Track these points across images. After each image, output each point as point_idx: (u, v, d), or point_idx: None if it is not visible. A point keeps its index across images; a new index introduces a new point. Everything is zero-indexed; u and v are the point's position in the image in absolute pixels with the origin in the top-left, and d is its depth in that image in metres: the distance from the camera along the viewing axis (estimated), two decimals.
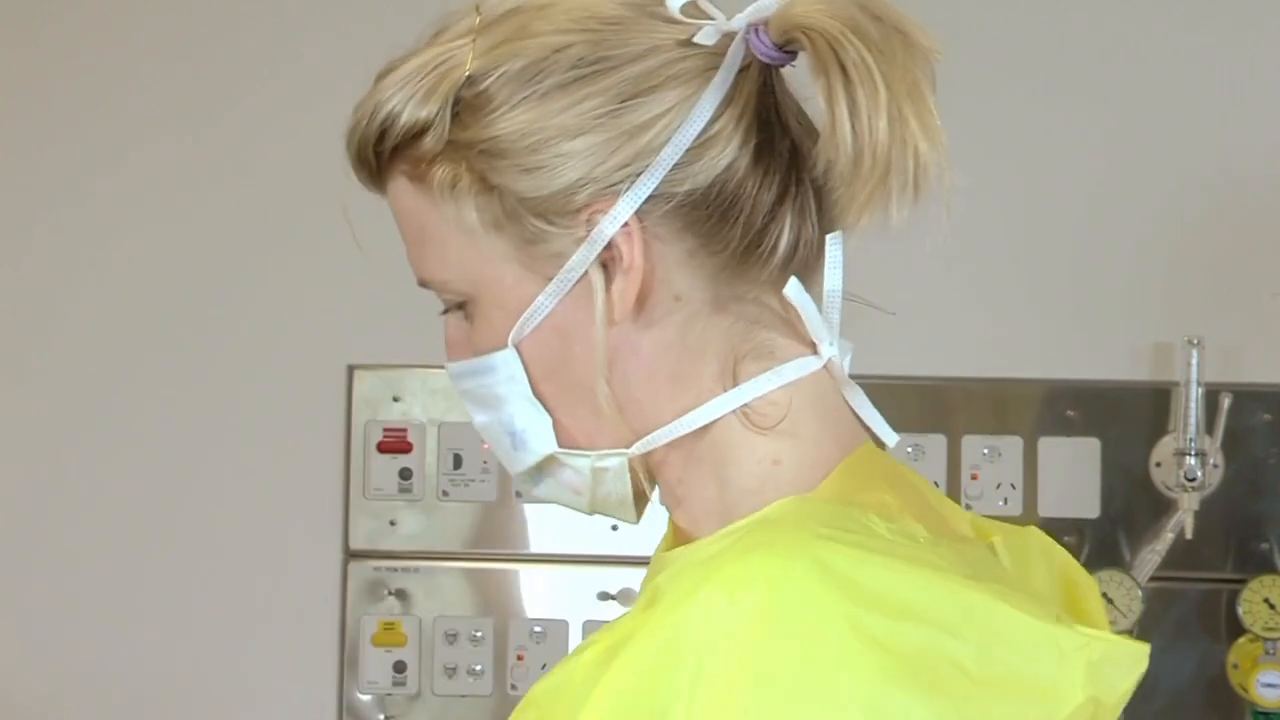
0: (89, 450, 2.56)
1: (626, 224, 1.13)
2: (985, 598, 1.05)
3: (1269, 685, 2.43)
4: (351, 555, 2.55)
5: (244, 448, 2.55)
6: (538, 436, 1.18)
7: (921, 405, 2.50)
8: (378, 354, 2.52)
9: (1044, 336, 2.51)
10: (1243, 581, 2.44)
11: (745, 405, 1.15)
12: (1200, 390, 2.41)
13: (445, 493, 2.54)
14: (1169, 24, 2.51)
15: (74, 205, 2.57)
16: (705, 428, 1.16)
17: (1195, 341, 2.41)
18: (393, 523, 2.54)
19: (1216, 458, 2.43)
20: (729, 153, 1.14)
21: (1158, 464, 2.46)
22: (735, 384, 1.16)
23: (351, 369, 2.54)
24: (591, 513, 1.22)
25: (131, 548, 2.56)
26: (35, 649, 2.56)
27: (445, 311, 1.21)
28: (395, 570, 2.54)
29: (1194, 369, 2.41)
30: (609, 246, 1.13)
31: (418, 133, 1.15)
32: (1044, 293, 2.51)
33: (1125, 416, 2.48)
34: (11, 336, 2.58)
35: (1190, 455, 2.41)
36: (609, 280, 1.14)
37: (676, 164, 1.13)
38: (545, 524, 2.53)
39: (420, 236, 1.18)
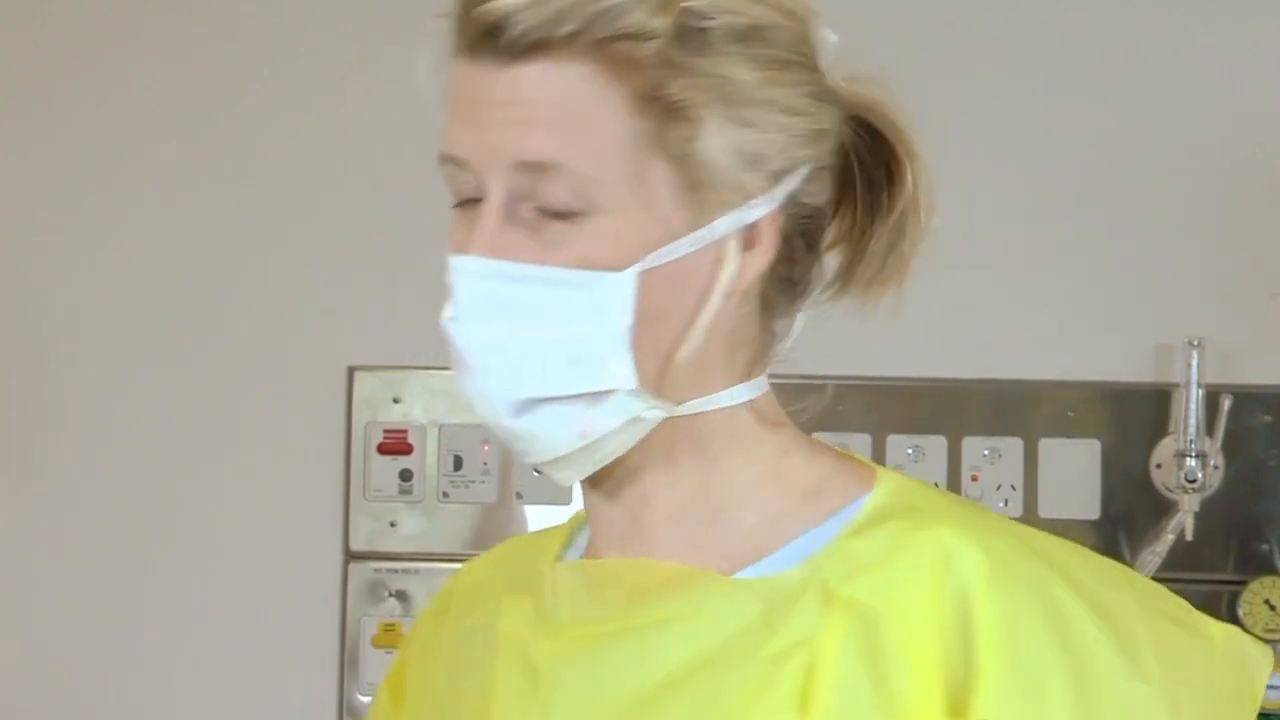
0: (89, 450, 2.56)
1: (772, 210, 1.16)
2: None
3: (1270, 686, 2.42)
4: (352, 556, 2.55)
5: (245, 449, 2.55)
6: (615, 369, 1.15)
7: (921, 406, 2.50)
8: (378, 355, 2.52)
9: (1044, 336, 2.51)
10: (1243, 583, 2.44)
11: (753, 401, 1.21)
12: (1201, 391, 2.41)
13: (445, 494, 2.53)
14: (1169, 24, 2.51)
15: (74, 205, 2.57)
16: (716, 415, 1.20)
17: (1195, 342, 2.41)
18: (393, 524, 2.54)
19: (1217, 459, 2.43)
20: (829, 188, 1.21)
21: (1158, 465, 2.46)
22: (750, 378, 1.21)
23: (352, 370, 2.54)
24: (550, 460, 1.18)
25: (132, 548, 2.55)
26: (35, 649, 2.56)
27: (548, 212, 1.13)
28: (395, 571, 2.54)
29: (1194, 370, 2.40)
30: (751, 225, 1.16)
31: (639, 37, 1.12)
32: (1043, 293, 2.51)
33: (1125, 418, 2.48)
34: (11, 337, 2.58)
35: (1191, 457, 2.40)
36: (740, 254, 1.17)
37: (807, 178, 1.18)
38: (545, 525, 2.52)
39: (579, 128, 1.13)
